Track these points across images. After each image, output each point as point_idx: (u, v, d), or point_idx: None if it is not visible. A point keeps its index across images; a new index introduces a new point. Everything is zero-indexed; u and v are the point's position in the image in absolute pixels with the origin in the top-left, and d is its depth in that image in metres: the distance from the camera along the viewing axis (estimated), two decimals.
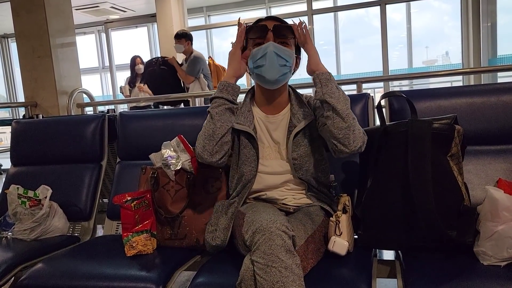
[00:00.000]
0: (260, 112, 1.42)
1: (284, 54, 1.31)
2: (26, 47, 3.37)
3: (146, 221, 1.44)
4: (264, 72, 1.31)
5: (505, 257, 1.09)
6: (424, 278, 1.09)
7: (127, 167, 1.88)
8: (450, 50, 8.19)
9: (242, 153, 1.36)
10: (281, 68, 1.31)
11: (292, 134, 1.34)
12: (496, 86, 1.56)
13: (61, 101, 3.36)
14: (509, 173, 1.42)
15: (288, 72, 1.34)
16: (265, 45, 1.30)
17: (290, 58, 1.33)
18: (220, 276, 1.21)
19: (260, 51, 1.31)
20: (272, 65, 1.29)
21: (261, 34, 1.33)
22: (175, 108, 4.04)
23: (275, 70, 1.30)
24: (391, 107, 1.61)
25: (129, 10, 7.68)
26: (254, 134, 1.36)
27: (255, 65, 1.33)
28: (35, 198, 1.69)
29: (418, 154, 1.18)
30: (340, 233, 1.23)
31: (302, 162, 1.34)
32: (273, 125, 1.39)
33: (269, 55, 1.29)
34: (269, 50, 1.29)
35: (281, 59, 1.30)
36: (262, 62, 1.30)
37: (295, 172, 1.35)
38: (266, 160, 1.37)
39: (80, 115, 3.13)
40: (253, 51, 1.33)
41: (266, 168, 1.37)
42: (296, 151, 1.34)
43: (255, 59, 1.32)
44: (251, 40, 1.36)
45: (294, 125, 1.35)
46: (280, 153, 1.38)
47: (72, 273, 1.32)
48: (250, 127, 1.36)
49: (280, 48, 1.31)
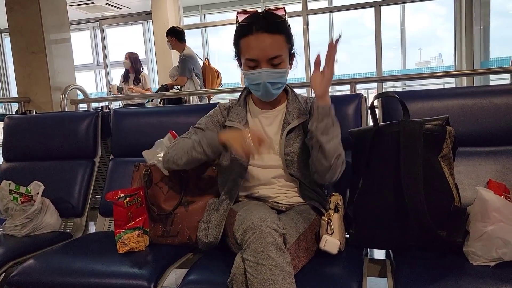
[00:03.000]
0: (255, 107, 1.43)
1: (277, 78, 1.30)
2: (20, 42, 3.34)
3: (139, 218, 1.44)
4: (260, 95, 1.35)
5: (494, 257, 1.10)
6: (414, 278, 1.10)
7: (120, 164, 1.87)
8: (443, 52, 8.26)
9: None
10: (275, 90, 1.33)
11: (285, 130, 1.35)
12: (487, 88, 1.58)
13: (55, 97, 3.34)
14: (499, 174, 1.44)
15: (282, 86, 1.36)
16: (258, 74, 1.28)
17: (284, 77, 1.34)
18: (211, 274, 1.22)
19: (253, 78, 1.30)
20: (267, 92, 1.32)
21: (254, 57, 1.28)
22: (169, 106, 4.03)
23: (270, 94, 1.33)
24: (384, 107, 1.62)
25: (124, 7, 7.65)
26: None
27: (250, 86, 1.35)
28: (27, 194, 1.68)
29: (410, 155, 1.19)
30: (332, 232, 1.24)
31: (294, 158, 1.34)
32: (268, 120, 1.40)
33: (263, 86, 1.30)
34: (263, 82, 1.29)
35: (275, 84, 1.31)
36: (257, 88, 1.32)
37: (287, 168, 1.35)
38: (258, 154, 1.37)
39: (73, 111, 3.11)
40: (246, 73, 1.32)
41: (257, 161, 1.37)
42: (288, 147, 1.35)
43: (249, 82, 1.33)
44: (243, 56, 1.31)
45: (288, 122, 1.36)
46: (273, 148, 1.38)
47: (64, 269, 1.31)
48: (241, 123, 1.38)
49: (273, 74, 1.29)
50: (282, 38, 1.29)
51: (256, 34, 1.28)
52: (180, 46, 4.36)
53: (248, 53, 1.30)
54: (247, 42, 1.29)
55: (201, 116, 1.48)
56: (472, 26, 6.16)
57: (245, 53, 1.31)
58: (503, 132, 1.49)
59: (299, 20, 6.56)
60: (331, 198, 1.32)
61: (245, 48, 1.31)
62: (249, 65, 1.31)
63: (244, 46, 1.31)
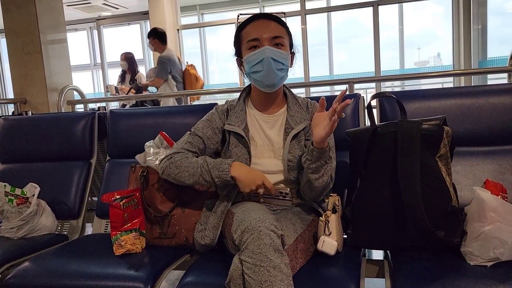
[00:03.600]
0: (255, 110, 1.41)
1: (280, 57, 1.29)
2: (16, 43, 3.33)
3: (135, 219, 1.43)
4: (262, 77, 1.31)
5: (491, 257, 1.10)
6: (412, 278, 1.10)
7: (117, 165, 1.86)
8: (441, 52, 8.26)
9: (233, 152, 1.36)
10: (278, 72, 1.30)
11: (289, 136, 1.33)
12: (485, 88, 1.58)
13: (51, 98, 3.32)
14: (497, 174, 1.44)
15: (285, 72, 1.34)
16: (261, 51, 1.28)
17: (287, 60, 1.32)
18: (209, 275, 1.21)
19: (256, 57, 1.29)
20: (270, 70, 1.29)
21: (256, 36, 1.30)
22: (165, 106, 4.02)
23: (273, 75, 1.30)
24: (381, 107, 1.61)
25: (121, 7, 7.63)
26: (244, 134, 1.35)
27: (252, 70, 1.32)
28: (23, 196, 1.67)
29: (407, 155, 1.19)
30: (330, 232, 1.23)
31: (295, 164, 1.33)
32: (268, 124, 1.39)
33: (266, 61, 1.28)
34: (266, 56, 1.27)
35: (278, 63, 1.29)
36: (259, 68, 1.30)
37: (287, 173, 1.34)
38: (258, 158, 1.37)
39: (70, 112, 3.10)
40: (249, 55, 1.31)
41: (259, 166, 1.36)
42: (291, 152, 1.33)
43: (251, 65, 1.31)
44: (245, 42, 1.33)
45: (291, 127, 1.35)
46: (273, 151, 1.37)
47: (60, 272, 1.30)
48: (240, 127, 1.36)
49: (277, 52, 1.29)
50: (283, 28, 1.33)
51: (258, 20, 1.32)
52: (161, 48, 4.32)
53: (250, 35, 1.31)
54: (249, 29, 1.32)
55: (198, 117, 1.47)
56: (470, 25, 6.17)
57: (247, 37, 1.32)
58: (500, 132, 1.49)
59: (297, 20, 6.56)
60: (329, 199, 1.31)
61: (246, 34, 1.32)
62: (251, 46, 1.31)
63: (245, 34, 1.33)
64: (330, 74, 7.96)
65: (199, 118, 1.46)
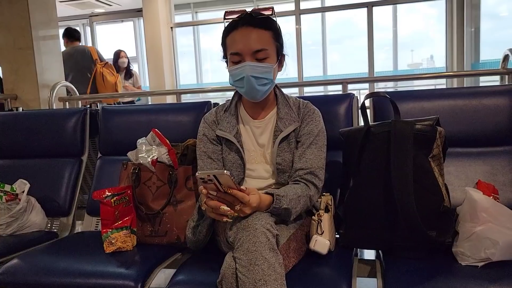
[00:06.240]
0: (246, 115, 1.38)
1: (262, 73, 1.25)
2: (7, 38, 3.28)
3: (126, 217, 1.42)
4: (244, 93, 1.30)
5: (483, 257, 1.11)
6: (403, 278, 1.10)
7: (108, 162, 1.85)
8: (434, 54, 8.30)
9: (227, 159, 1.33)
10: (260, 87, 1.26)
11: (278, 139, 1.31)
12: (478, 90, 1.59)
13: (43, 94, 3.27)
14: (489, 175, 1.45)
15: (269, 85, 1.29)
16: (242, 68, 1.24)
17: (270, 73, 1.27)
18: (200, 274, 1.20)
19: (237, 73, 1.25)
20: (251, 88, 1.25)
21: (237, 50, 1.24)
22: (158, 104, 3.99)
23: (255, 92, 1.27)
24: (375, 107, 1.61)
25: (115, 4, 7.56)
26: (236, 140, 1.32)
27: (235, 84, 1.29)
28: (12, 192, 1.65)
29: (400, 155, 1.19)
30: (322, 232, 1.23)
31: (285, 167, 1.31)
32: (259, 129, 1.36)
33: (246, 79, 1.24)
34: (246, 75, 1.23)
35: (259, 80, 1.25)
36: (241, 84, 1.26)
37: (278, 177, 1.32)
38: (251, 164, 1.35)
39: (61, 109, 3.07)
40: (230, 69, 1.27)
41: (253, 172, 1.34)
42: (280, 155, 1.31)
43: (234, 79, 1.28)
44: (228, 52, 1.28)
45: (280, 130, 1.31)
46: (264, 157, 1.35)
47: (49, 269, 1.29)
48: (231, 133, 1.33)
49: (257, 68, 1.24)
50: (268, 34, 1.27)
51: (241, 29, 1.26)
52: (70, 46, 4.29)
53: (232, 47, 1.26)
54: (232, 38, 1.27)
55: (190, 114, 1.47)
56: (463, 28, 6.21)
57: (230, 48, 1.27)
58: (493, 133, 1.50)
59: (291, 20, 6.56)
60: (322, 198, 1.31)
61: (230, 44, 1.28)
62: (233, 60, 1.27)
63: (229, 42, 1.28)
64: (324, 74, 7.97)
65: (192, 115, 1.45)
